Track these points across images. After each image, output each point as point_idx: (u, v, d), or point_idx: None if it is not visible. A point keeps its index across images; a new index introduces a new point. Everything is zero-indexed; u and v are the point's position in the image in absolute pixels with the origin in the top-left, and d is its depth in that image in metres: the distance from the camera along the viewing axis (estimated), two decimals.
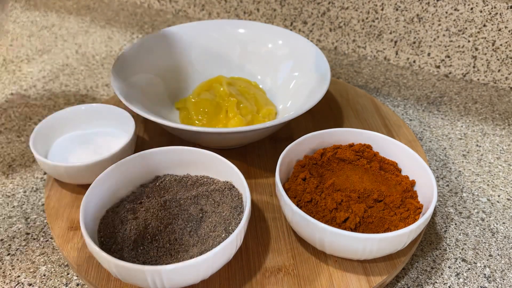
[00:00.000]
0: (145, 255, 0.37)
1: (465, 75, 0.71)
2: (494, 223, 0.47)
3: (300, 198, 0.41)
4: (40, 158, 0.45)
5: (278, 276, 0.39)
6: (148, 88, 0.55)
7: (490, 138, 0.59)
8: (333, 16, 0.75)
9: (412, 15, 0.69)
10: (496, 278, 0.42)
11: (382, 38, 0.73)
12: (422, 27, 0.69)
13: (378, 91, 0.68)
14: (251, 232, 0.43)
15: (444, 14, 0.67)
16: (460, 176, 0.53)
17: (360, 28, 0.74)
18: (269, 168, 0.51)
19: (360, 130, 0.47)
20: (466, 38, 0.68)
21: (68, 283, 0.41)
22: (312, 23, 0.77)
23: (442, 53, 0.70)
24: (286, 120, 0.45)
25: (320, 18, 0.76)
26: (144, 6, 0.91)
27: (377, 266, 0.40)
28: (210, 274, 0.36)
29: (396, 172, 0.44)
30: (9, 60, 0.73)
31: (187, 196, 0.41)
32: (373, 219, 0.39)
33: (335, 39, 0.77)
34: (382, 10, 0.71)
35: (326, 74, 0.52)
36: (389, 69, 0.73)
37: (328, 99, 0.62)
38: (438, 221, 0.48)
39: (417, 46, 0.71)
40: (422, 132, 0.60)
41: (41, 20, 0.85)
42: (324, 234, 0.36)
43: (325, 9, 0.74)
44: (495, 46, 0.67)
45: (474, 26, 0.66)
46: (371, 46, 0.75)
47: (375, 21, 0.72)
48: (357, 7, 0.72)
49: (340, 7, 0.73)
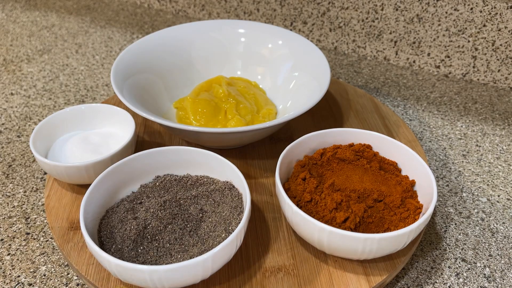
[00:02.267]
0: (145, 255, 0.37)
1: (465, 75, 0.71)
2: (494, 223, 0.48)
3: (300, 198, 0.41)
4: (40, 158, 0.45)
5: (278, 276, 0.39)
6: (148, 88, 0.55)
7: (490, 138, 0.59)
8: (333, 16, 0.75)
9: (412, 15, 0.69)
10: (496, 278, 0.42)
11: (382, 38, 0.73)
12: (422, 27, 0.69)
13: (378, 91, 0.68)
14: (251, 232, 0.43)
15: (444, 14, 0.67)
16: (460, 176, 0.53)
17: (360, 28, 0.74)
18: (269, 168, 0.51)
19: (360, 130, 0.47)
20: (466, 38, 0.68)
21: (68, 283, 0.41)
22: (312, 23, 0.77)
23: (442, 53, 0.70)
24: (286, 120, 0.45)
25: (320, 18, 0.76)
26: (144, 6, 0.91)
27: (377, 266, 0.40)
28: (210, 274, 0.36)
29: (396, 172, 0.45)
30: (9, 60, 0.73)
31: (187, 196, 0.41)
32: (373, 219, 0.39)
33: (335, 39, 0.77)
34: (382, 10, 0.71)
35: (326, 74, 0.52)
36: (389, 69, 0.73)
37: (328, 99, 0.62)
38: (438, 221, 0.48)
39: (417, 46, 0.71)
40: (422, 132, 0.60)
41: (41, 20, 0.85)
42: (323, 234, 0.36)
43: (325, 9, 0.74)
44: (495, 46, 0.67)
45: (474, 26, 0.66)
46: (371, 46, 0.75)
47: (375, 21, 0.72)
48: (357, 7, 0.72)
49: (340, 7, 0.73)
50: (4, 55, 0.74)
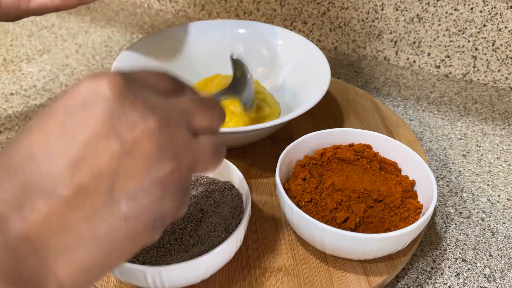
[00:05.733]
0: (145, 255, 0.37)
1: (465, 75, 0.71)
2: (494, 223, 0.47)
3: (300, 198, 0.41)
4: None
5: (278, 276, 0.39)
6: None
7: (490, 138, 0.59)
8: (333, 16, 0.75)
9: (412, 15, 0.69)
10: (496, 278, 0.42)
11: (382, 38, 0.73)
12: (422, 27, 0.69)
13: (378, 91, 0.68)
14: (251, 232, 0.43)
15: (444, 14, 0.67)
16: (460, 176, 0.53)
17: (360, 28, 0.74)
18: (269, 168, 0.51)
19: (360, 130, 0.47)
20: (466, 38, 0.68)
21: None
22: (312, 23, 0.77)
23: (442, 53, 0.70)
24: (286, 120, 0.45)
25: (320, 18, 0.76)
26: (144, 6, 0.91)
27: (377, 266, 0.40)
28: (210, 274, 0.36)
29: (396, 172, 0.44)
30: (9, 60, 0.73)
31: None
32: (373, 219, 0.39)
33: (335, 39, 0.77)
34: (382, 10, 0.71)
35: (326, 74, 0.52)
36: (389, 69, 0.73)
37: (328, 99, 0.62)
38: (438, 221, 0.48)
39: (417, 46, 0.71)
40: (422, 132, 0.60)
41: (41, 20, 0.85)
42: (324, 234, 0.36)
43: (325, 9, 0.74)
44: (495, 46, 0.67)
45: (474, 26, 0.66)
46: (371, 46, 0.75)
47: (375, 21, 0.72)
48: (357, 7, 0.72)
49: (340, 7, 0.73)
50: (4, 55, 0.74)
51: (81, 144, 0.20)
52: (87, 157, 0.20)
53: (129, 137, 0.20)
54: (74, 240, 0.20)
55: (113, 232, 0.20)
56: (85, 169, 0.20)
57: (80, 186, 0.20)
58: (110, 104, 0.20)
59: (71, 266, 0.20)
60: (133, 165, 0.20)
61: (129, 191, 0.20)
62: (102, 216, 0.20)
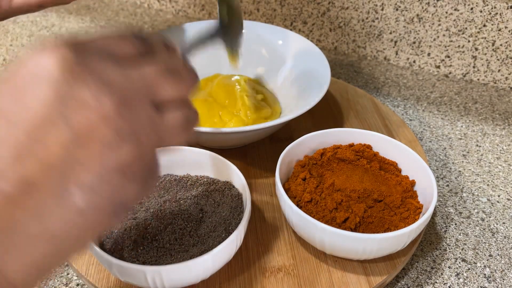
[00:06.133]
0: (145, 255, 0.37)
1: (465, 75, 0.71)
2: (494, 223, 0.47)
3: (300, 198, 0.41)
4: None
5: (278, 276, 0.39)
6: None
7: (490, 138, 0.59)
8: (333, 16, 0.75)
9: (412, 15, 0.69)
10: (496, 278, 0.42)
11: (382, 38, 0.73)
12: (422, 27, 0.69)
13: (378, 91, 0.68)
14: (251, 232, 0.43)
15: (444, 14, 0.67)
16: (460, 176, 0.53)
17: (360, 28, 0.74)
18: (269, 168, 0.51)
19: (360, 130, 0.47)
20: (466, 38, 0.68)
21: (68, 283, 0.41)
22: (312, 23, 0.77)
23: (442, 53, 0.70)
24: (286, 120, 0.45)
25: (320, 18, 0.76)
26: (144, 6, 0.91)
27: (377, 266, 0.40)
28: (210, 274, 0.36)
29: (396, 172, 0.44)
30: (9, 60, 0.73)
31: (187, 196, 0.41)
32: (373, 219, 0.39)
33: (335, 39, 0.77)
34: (382, 10, 0.71)
35: (326, 74, 0.52)
36: (389, 69, 0.73)
37: (328, 99, 0.62)
38: (438, 221, 0.48)
39: (417, 46, 0.71)
40: (422, 132, 0.60)
41: (40, 20, 0.85)
42: (324, 234, 0.36)
43: (325, 9, 0.74)
44: (495, 46, 0.67)
45: (474, 26, 0.66)
46: (371, 46, 0.75)
47: (375, 21, 0.72)
48: (357, 7, 0.72)
49: (340, 7, 0.73)
50: (4, 55, 0.74)
51: (24, 133, 0.18)
52: (33, 147, 0.18)
53: (80, 121, 0.18)
54: (21, 238, 0.18)
55: (67, 226, 0.19)
56: (30, 161, 0.18)
57: (26, 181, 0.18)
58: (57, 84, 0.18)
59: (20, 263, 0.18)
60: (87, 153, 0.18)
61: (84, 182, 0.19)
62: (53, 211, 0.18)
